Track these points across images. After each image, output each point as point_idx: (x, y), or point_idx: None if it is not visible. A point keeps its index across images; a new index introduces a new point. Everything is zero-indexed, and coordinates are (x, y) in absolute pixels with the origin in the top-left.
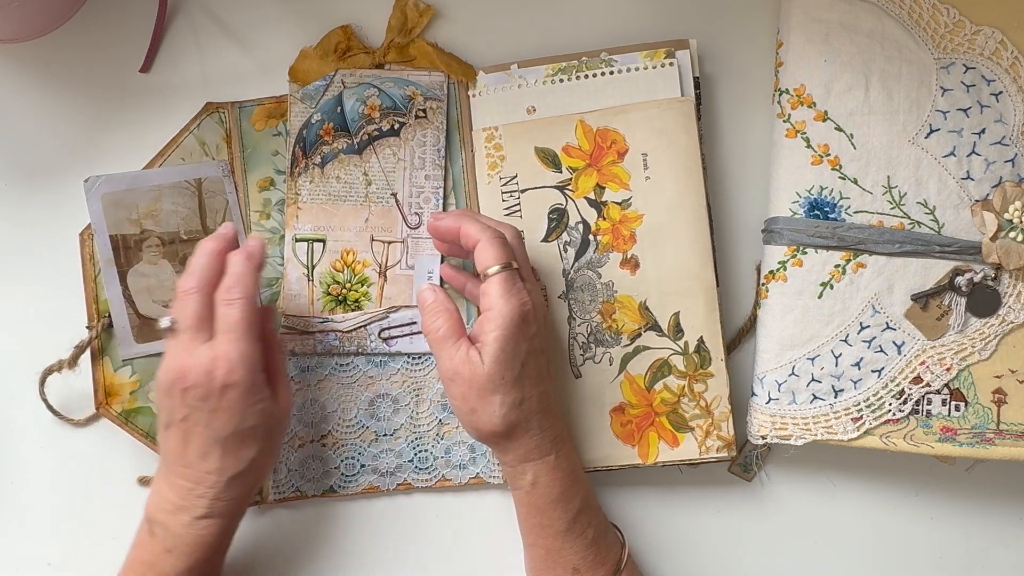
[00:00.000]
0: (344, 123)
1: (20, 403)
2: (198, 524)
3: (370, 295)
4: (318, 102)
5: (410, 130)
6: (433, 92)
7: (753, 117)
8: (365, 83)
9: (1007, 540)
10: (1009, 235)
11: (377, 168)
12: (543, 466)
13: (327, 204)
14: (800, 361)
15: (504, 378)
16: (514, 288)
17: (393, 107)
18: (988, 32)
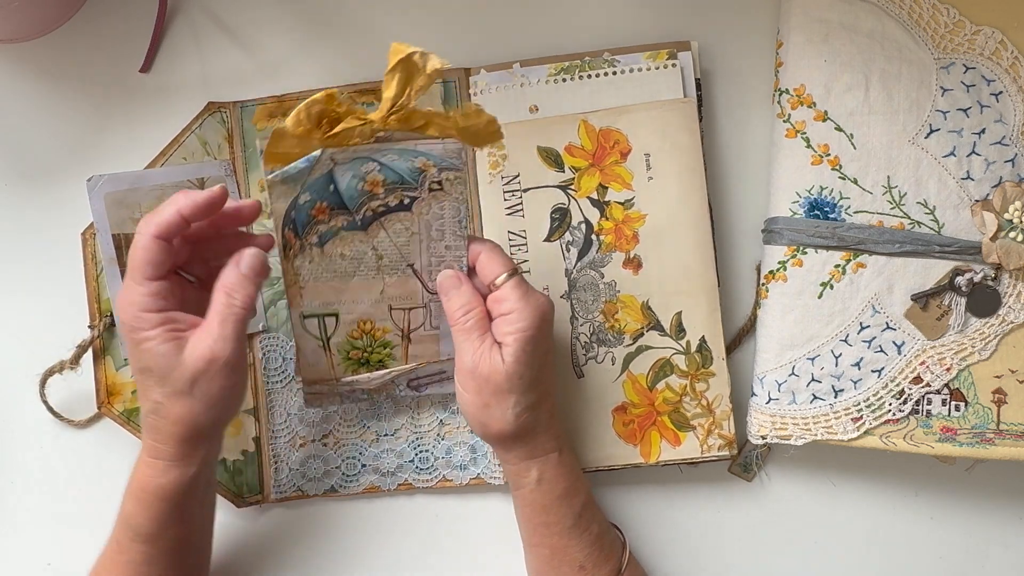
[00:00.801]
0: (341, 201)
1: (21, 403)
2: (141, 459)
3: (394, 355)
4: (303, 184)
5: (424, 204)
6: (449, 161)
7: (753, 117)
8: (362, 157)
9: (1007, 540)
10: (1009, 235)
11: (388, 243)
12: (548, 463)
13: (334, 281)
14: (800, 361)
15: (523, 378)
16: (531, 289)
17: (400, 181)
18: (988, 32)
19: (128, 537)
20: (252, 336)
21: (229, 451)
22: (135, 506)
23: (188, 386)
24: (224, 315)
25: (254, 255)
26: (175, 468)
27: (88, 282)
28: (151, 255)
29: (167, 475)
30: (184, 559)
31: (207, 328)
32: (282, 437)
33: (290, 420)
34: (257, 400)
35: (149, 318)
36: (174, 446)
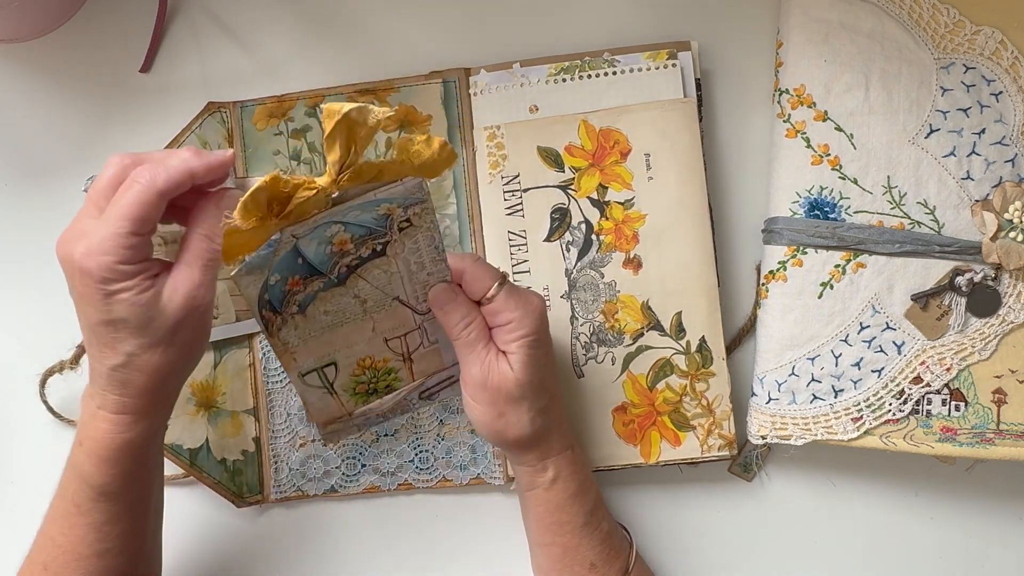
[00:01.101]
0: (312, 269)
1: (21, 403)
2: (98, 416)
3: (400, 377)
4: (268, 267)
5: (397, 245)
6: (412, 198)
7: (753, 117)
8: (323, 224)
9: (1007, 540)
10: (1009, 235)
11: (369, 288)
12: (563, 460)
13: (323, 336)
14: (800, 361)
15: (533, 384)
16: (524, 295)
17: (368, 233)
18: (988, 32)
19: (89, 497)
20: (252, 336)
21: (229, 451)
22: (97, 465)
23: (169, 335)
24: (205, 259)
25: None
26: (142, 421)
27: None
28: (150, 211)
29: (134, 429)
30: (145, 516)
31: (187, 274)
32: (282, 437)
33: (290, 420)
34: (257, 400)
35: (127, 269)
36: (144, 398)
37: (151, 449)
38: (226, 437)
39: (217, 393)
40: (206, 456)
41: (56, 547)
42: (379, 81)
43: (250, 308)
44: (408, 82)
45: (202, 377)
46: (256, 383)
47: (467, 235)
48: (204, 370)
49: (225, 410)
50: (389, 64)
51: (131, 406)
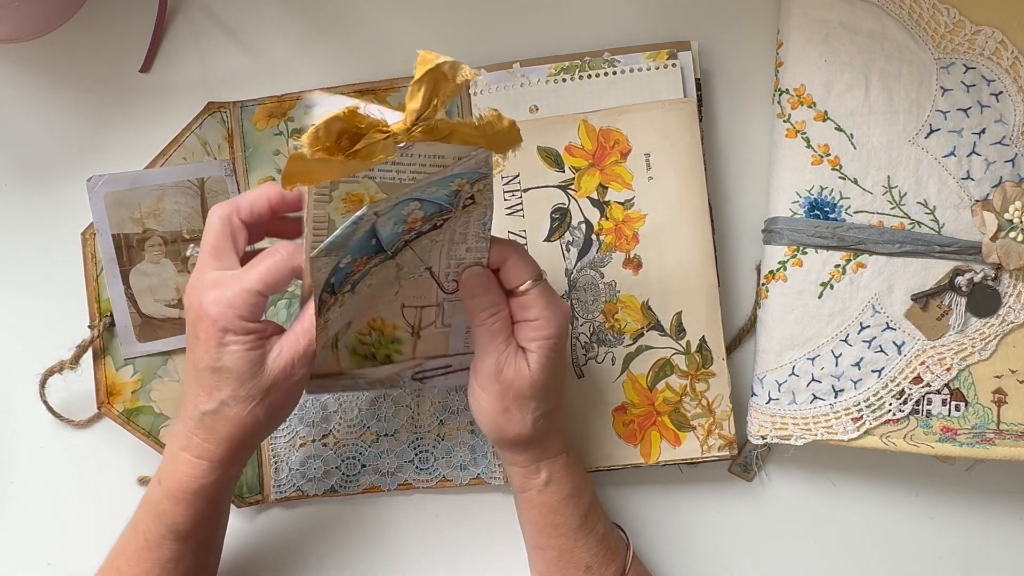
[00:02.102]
0: (380, 248)
1: (21, 403)
2: (180, 457)
3: (402, 351)
4: (347, 247)
5: (455, 221)
6: (479, 172)
7: (753, 117)
8: (403, 201)
9: (1007, 540)
10: (1009, 235)
11: (411, 255)
12: (557, 464)
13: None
14: (800, 361)
15: (545, 386)
16: (556, 297)
17: (439, 211)
18: (988, 32)
19: (160, 534)
20: None
21: None
22: (173, 505)
23: (263, 393)
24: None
25: None
26: (220, 469)
27: (88, 282)
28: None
29: (211, 475)
30: (209, 556)
31: (293, 343)
32: (282, 437)
33: (290, 420)
34: None
35: (248, 326)
36: (226, 449)
37: (224, 496)
38: None
39: None
40: None
41: None
42: (379, 81)
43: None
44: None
45: None
46: None
47: None
48: None
49: None
50: (389, 64)
51: (212, 453)
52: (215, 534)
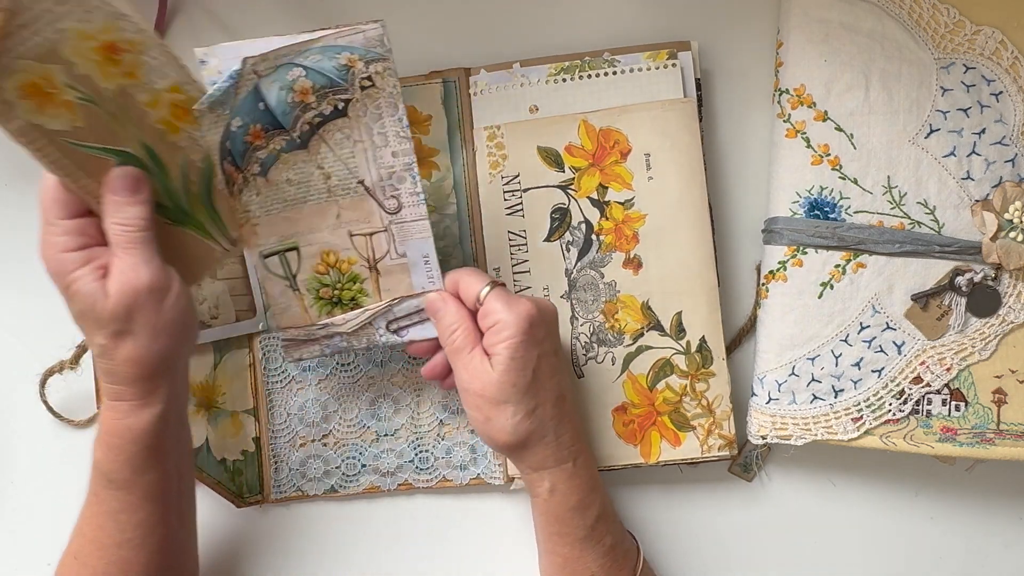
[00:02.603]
0: (274, 119)
1: (21, 403)
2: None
3: (366, 291)
4: (231, 106)
5: (359, 105)
6: (373, 52)
7: (753, 117)
8: (284, 64)
9: (1007, 540)
10: (1009, 235)
11: (332, 158)
12: (560, 474)
13: (285, 211)
14: (800, 361)
15: (516, 386)
16: (512, 297)
17: (330, 84)
18: (988, 32)
19: (102, 486)
20: (252, 337)
21: (229, 451)
22: (106, 453)
23: (124, 323)
24: (122, 244)
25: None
26: (139, 409)
27: None
28: (57, 194)
29: (133, 416)
30: (165, 505)
31: (117, 262)
32: (282, 437)
33: (290, 420)
34: (257, 400)
35: (71, 258)
36: (132, 386)
37: (159, 438)
38: (226, 437)
39: (217, 393)
40: (206, 456)
41: (83, 537)
42: None
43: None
44: (408, 82)
45: (202, 377)
46: (256, 383)
47: (467, 235)
48: (204, 370)
49: (225, 410)
50: None
51: (123, 393)
52: (163, 482)
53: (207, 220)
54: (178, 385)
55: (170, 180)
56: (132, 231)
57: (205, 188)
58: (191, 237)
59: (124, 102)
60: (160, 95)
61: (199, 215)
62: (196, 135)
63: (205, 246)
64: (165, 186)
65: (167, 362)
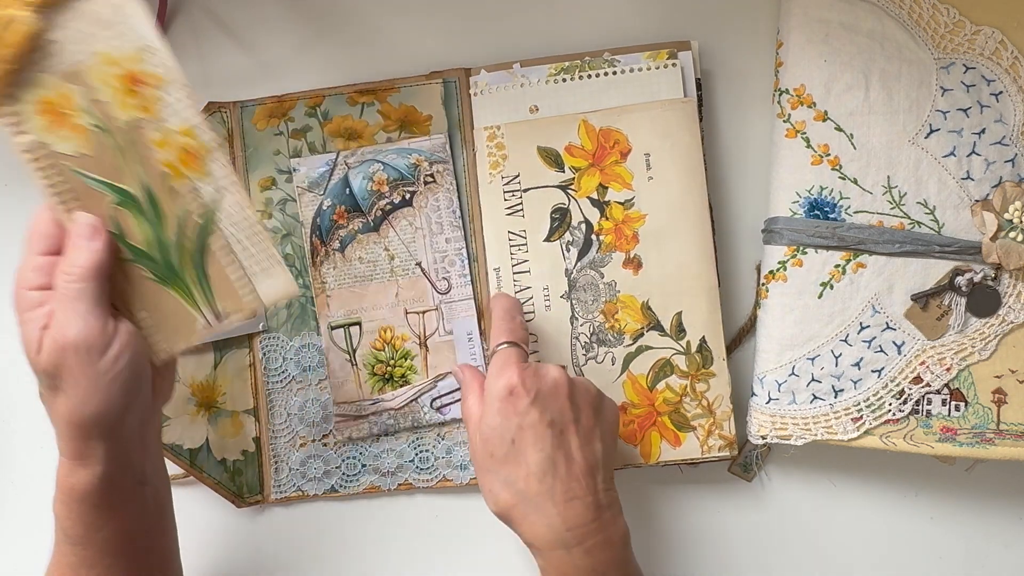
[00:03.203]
0: (356, 203)
1: (21, 403)
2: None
3: (415, 367)
4: (325, 188)
5: (422, 197)
6: (437, 155)
7: (753, 117)
8: (368, 160)
9: (1007, 540)
10: (1009, 235)
11: (397, 241)
12: (552, 559)
13: (355, 287)
14: (800, 361)
15: (493, 456)
16: (507, 364)
17: (400, 178)
18: (988, 32)
19: (61, 539)
20: (252, 336)
21: (229, 451)
22: (59, 507)
23: (53, 379)
24: (62, 294)
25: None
26: (79, 468)
27: None
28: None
29: (75, 475)
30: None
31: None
32: (282, 437)
33: (290, 420)
34: (257, 400)
35: (30, 296)
36: (68, 443)
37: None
38: (226, 437)
39: (217, 393)
40: (206, 456)
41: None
42: (379, 81)
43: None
44: (408, 82)
45: (202, 377)
46: (256, 383)
47: (467, 235)
48: (204, 370)
49: (225, 410)
50: (389, 64)
51: (63, 449)
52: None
53: (195, 284)
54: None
55: (164, 231)
56: (72, 280)
57: (199, 247)
58: (174, 300)
59: (134, 136)
60: (172, 136)
61: (187, 276)
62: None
63: (187, 314)
64: (158, 236)
65: (103, 423)
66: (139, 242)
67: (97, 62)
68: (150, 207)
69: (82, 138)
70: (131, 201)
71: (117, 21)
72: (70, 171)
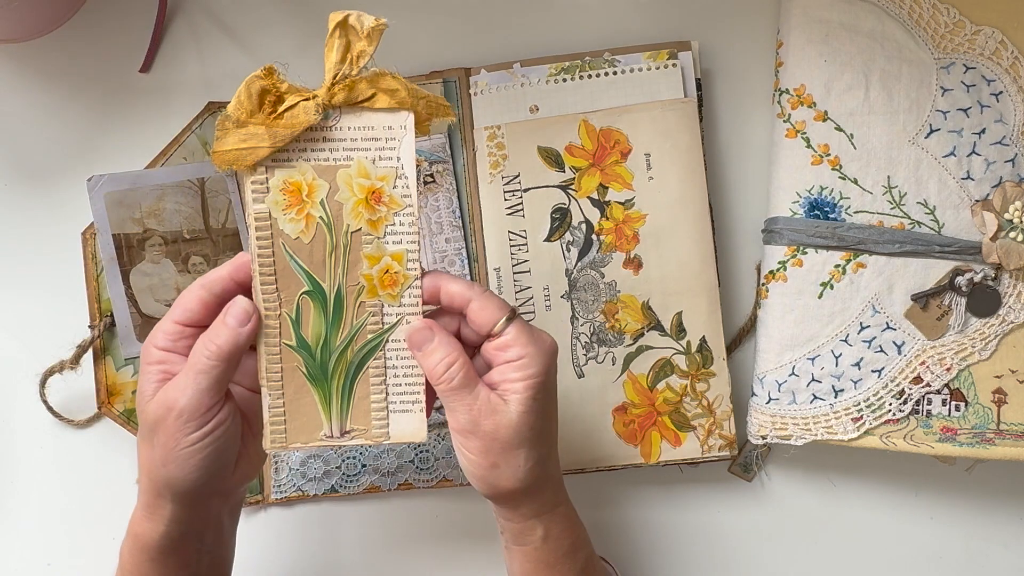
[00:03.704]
0: None
1: (21, 403)
2: None
3: None
4: None
5: (422, 197)
6: (437, 155)
7: (753, 117)
8: None
9: (1007, 540)
10: (1009, 235)
11: None
12: (554, 518)
13: None
14: (800, 361)
15: (534, 429)
16: (536, 331)
17: None
18: (988, 32)
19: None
20: None
21: None
22: (125, 549)
23: (149, 432)
24: (192, 362)
25: (239, 303)
26: (146, 520)
27: (88, 282)
28: (188, 301)
29: (142, 525)
30: None
31: (178, 375)
32: None
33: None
34: None
35: (154, 354)
36: (143, 494)
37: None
38: None
39: None
40: None
41: None
42: None
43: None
44: None
45: None
46: None
47: (467, 235)
48: None
49: None
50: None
51: (139, 499)
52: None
53: (337, 394)
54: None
55: (335, 335)
56: (208, 356)
57: (359, 362)
58: (311, 401)
59: (350, 243)
60: (383, 255)
61: (334, 384)
62: None
63: (316, 418)
64: (327, 337)
65: (174, 487)
66: (308, 335)
67: (353, 168)
68: (333, 309)
69: (307, 226)
70: (319, 296)
71: (388, 139)
72: (282, 248)
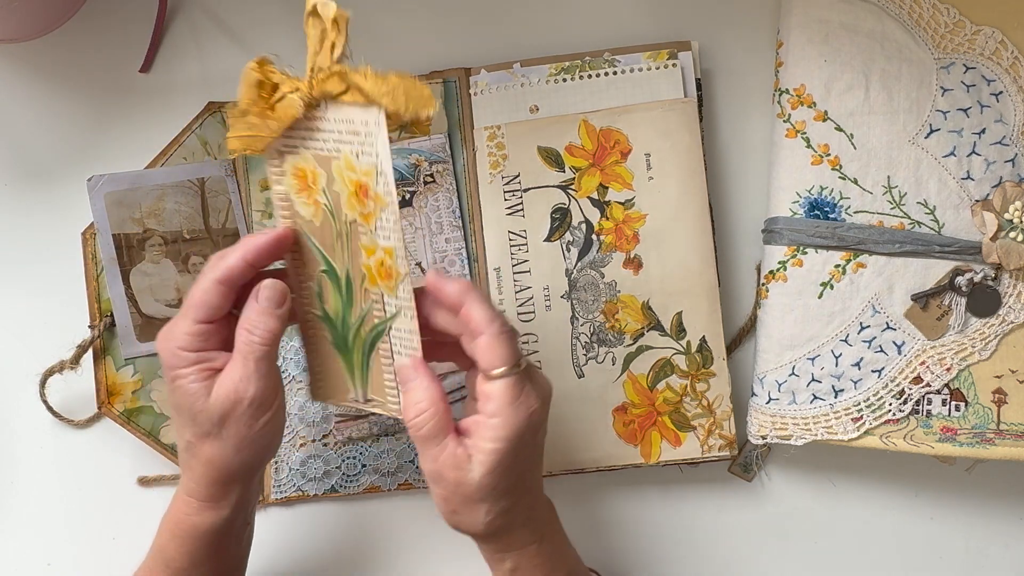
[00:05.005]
0: None
1: (21, 403)
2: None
3: None
4: None
5: (422, 197)
6: (437, 155)
7: (753, 117)
8: None
9: (1007, 540)
10: (1009, 235)
11: None
12: (524, 555)
13: None
14: (800, 361)
15: (497, 489)
16: (523, 395)
17: (400, 178)
18: (988, 32)
19: (159, 567)
20: None
21: None
22: (169, 540)
23: (216, 427)
24: (245, 352)
25: (270, 286)
26: (208, 509)
27: (88, 282)
28: (210, 298)
29: (200, 515)
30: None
31: (231, 367)
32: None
33: (290, 420)
34: None
35: (185, 356)
36: (206, 487)
37: (222, 536)
38: None
39: None
40: None
41: None
42: None
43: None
44: None
45: None
46: None
47: (467, 235)
48: None
49: None
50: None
51: (196, 492)
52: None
53: (357, 367)
54: (249, 492)
55: (351, 312)
56: (258, 343)
57: (371, 342)
58: (339, 366)
59: (350, 232)
60: (377, 248)
61: (355, 357)
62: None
63: (345, 382)
64: (344, 314)
65: (245, 472)
66: (331, 310)
67: (342, 160)
68: (346, 290)
69: (316, 211)
70: (334, 276)
71: (365, 134)
72: (302, 228)
